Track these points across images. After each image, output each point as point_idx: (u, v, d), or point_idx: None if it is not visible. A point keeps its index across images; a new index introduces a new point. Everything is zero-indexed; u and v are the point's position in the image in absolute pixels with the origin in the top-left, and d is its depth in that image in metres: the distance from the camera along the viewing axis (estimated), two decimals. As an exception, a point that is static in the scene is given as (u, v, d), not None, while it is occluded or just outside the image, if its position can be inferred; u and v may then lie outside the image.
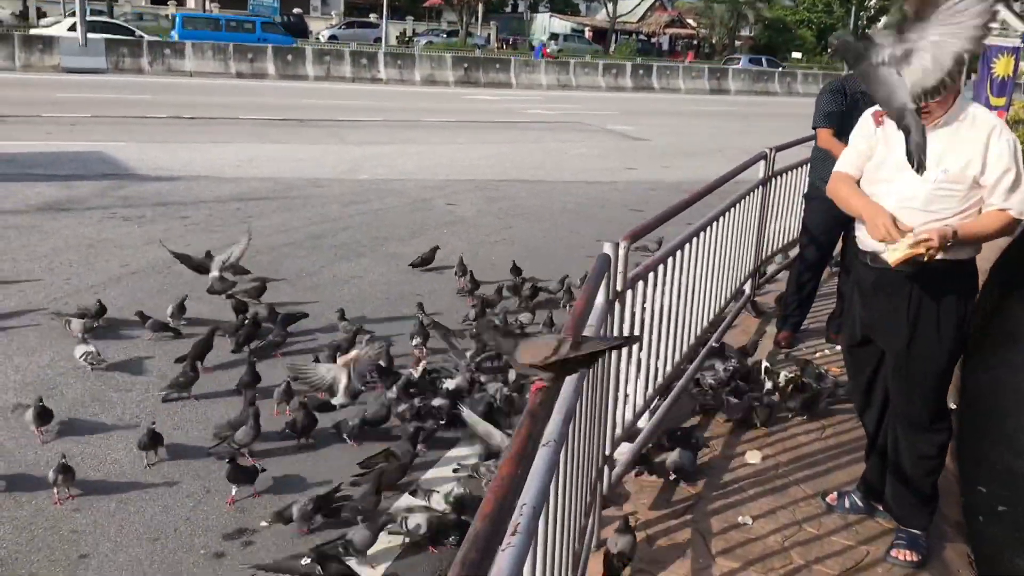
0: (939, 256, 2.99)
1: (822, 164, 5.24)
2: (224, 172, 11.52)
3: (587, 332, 2.63)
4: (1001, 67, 8.45)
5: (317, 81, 27.49)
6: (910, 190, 3.05)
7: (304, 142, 14.64)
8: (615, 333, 3.19)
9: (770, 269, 6.84)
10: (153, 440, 4.05)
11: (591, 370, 2.56)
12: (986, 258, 8.12)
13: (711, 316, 4.96)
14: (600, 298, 2.95)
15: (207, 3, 49.30)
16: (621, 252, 3.14)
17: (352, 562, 3.29)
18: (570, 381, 2.13)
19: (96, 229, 8.36)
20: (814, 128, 5.28)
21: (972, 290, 3.18)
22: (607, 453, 3.23)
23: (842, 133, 5.01)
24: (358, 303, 6.50)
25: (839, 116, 5.08)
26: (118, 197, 9.80)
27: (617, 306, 3.19)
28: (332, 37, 45.63)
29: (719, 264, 4.96)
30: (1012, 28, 7.97)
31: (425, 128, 17.72)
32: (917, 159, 2.77)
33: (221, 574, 3.37)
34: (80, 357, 5.07)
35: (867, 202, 3.15)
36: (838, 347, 5.42)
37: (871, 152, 3.25)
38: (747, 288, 6.08)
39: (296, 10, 51.79)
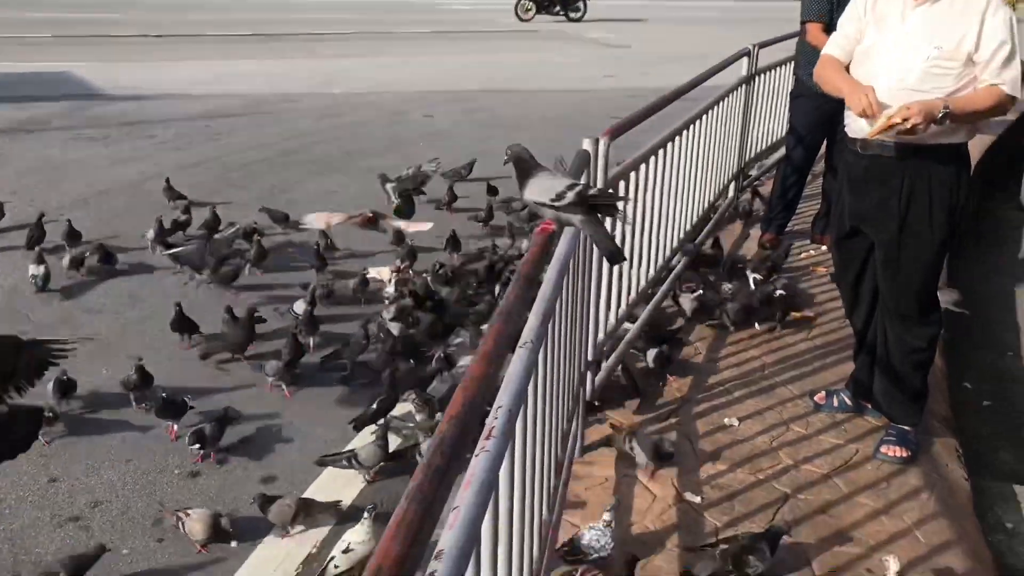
0: (932, 139, 2.89)
1: (809, 61, 5.02)
2: (193, 90, 11.15)
3: (566, 235, 2.51)
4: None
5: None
6: (903, 69, 2.90)
7: (275, 57, 14.20)
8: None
9: (754, 172, 6.69)
10: (143, 379, 3.80)
11: (571, 272, 2.44)
12: (972, 157, 7.98)
13: (695, 219, 4.83)
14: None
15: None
16: (601, 148, 2.99)
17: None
18: (548, 281, 2.01)
19: (61, 150, 8.09)
20: (803, 22, 5.04)
21: (965, 177, 3.05)
22: (589, 358, 3.13)
23: (832, 30, 4.80)
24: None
25: (829, 9, 4.84)
26: (84, 117, 9.49)
27: (598, 206, 3.05)
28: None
29: (702, 165, 4.80)
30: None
31: (401, 39, 17.23)
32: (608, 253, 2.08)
33: (196, 492, 3.29)
34: (29, 278, 4.95)
35: (851, 80, 3.03)
36: (823, 248, 5.32)
37: (860, 36, 3.09)
38: (731, 190, 5.94)
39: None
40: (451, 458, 1.05)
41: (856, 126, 3.08)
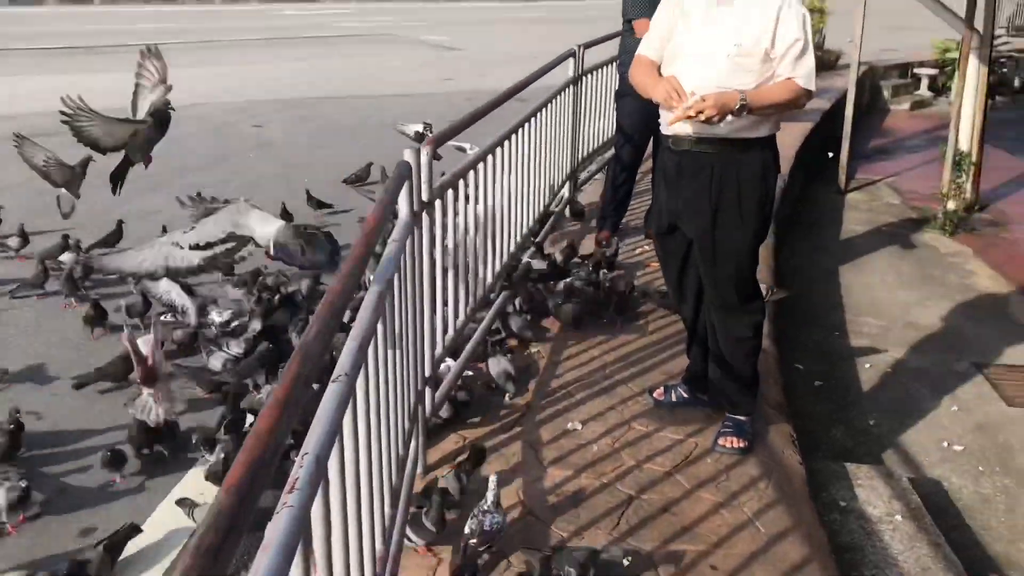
0: (738, 134, 3.00)
1: (631, 59, 5.12)
2: (1, 108, 10.36)
3: (391, 246, 2.41)
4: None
5: (104, 4, 25.27)
6: (707, 66, 3.00)
7: (92, 71, 13.38)
8: (426, 248, 2.97)
9: (584, 175, 6.74)
10: None
11: (395, 287, 2.34)
12: (792, 145, 8.40)
13: (530, 222, 4.82)
14: (404, 210, 2.71)
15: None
16: (424, 158, 2.89)
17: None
18: (366, 307, 1.90)
19: None
20: (629, 20, 5.11)
21: (772, 170, 3.16)
22: (427, 374, 3.04)
23: None
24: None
25: (651, 4, 4.92)
26: None
27: (425, 218, 2.96)
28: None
29: (535, 168, 4.80)
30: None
31: (228, 48, 16.62)
32: None
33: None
34: None
35: (656, 75, 3.12)
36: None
37: (671, 34, 3.15)
38: (565, 191, 5.99)
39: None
40: (227, 535, 0.94)
41: (669, 126, 3.14)
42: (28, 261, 5.65)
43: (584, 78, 5.97)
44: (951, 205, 7.80)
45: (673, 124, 2.97)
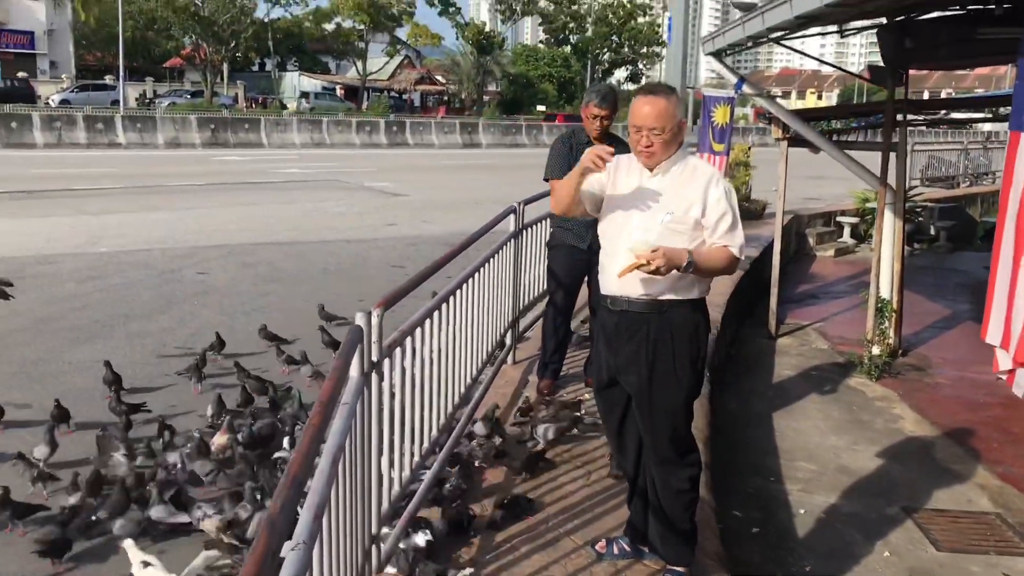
0: (673, 295, 3.23)
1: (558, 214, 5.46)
2: (-64, 254, 10.30)
3: (342, 409, 2.51)
4: (719, 115, 9.27)
5: (48, 149, 25.51)
6: (643, 229, 3.24)
7: (33, 215, 13.45)
8: (374, 407, 3.07)
9: (525, 322, 6.94)
10: None
11: (349, 450, 2.43)
12: (723, 292, 8.78)
13: (473, 373, 4.96)
14: (355, 373, 2.83)
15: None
16: (375, 321, 3.04)
17: None
18: (321, 473, 1.99)
19: None
20: (545, 179, 5.48)
21: (703, 330, 3.37)
22: (374, 532, 3.08)
23: None
24: (98, 392, 5.92)
25: (566, 167, 5.31)
26: None
27: (375, 377, 3.08)
28: (64, 102, 41.72)
29: (480, 319, 4.98)
30: (727, 80, 8.77)
31: (171, 193, 16.85)
32: None
33: None
34: None
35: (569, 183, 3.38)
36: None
37: (603, 187, 3.41)
38: (508, 340, 6.16)
39: (21, 74, 47.71)
40: None
41: (606, 281, 3.37)
42: None
43: (524, 231, 6.25)
44: (875, 350, 8.16)
45: (624, 275, 3.16)
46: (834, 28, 8.24)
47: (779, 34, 7.70)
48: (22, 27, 52.12)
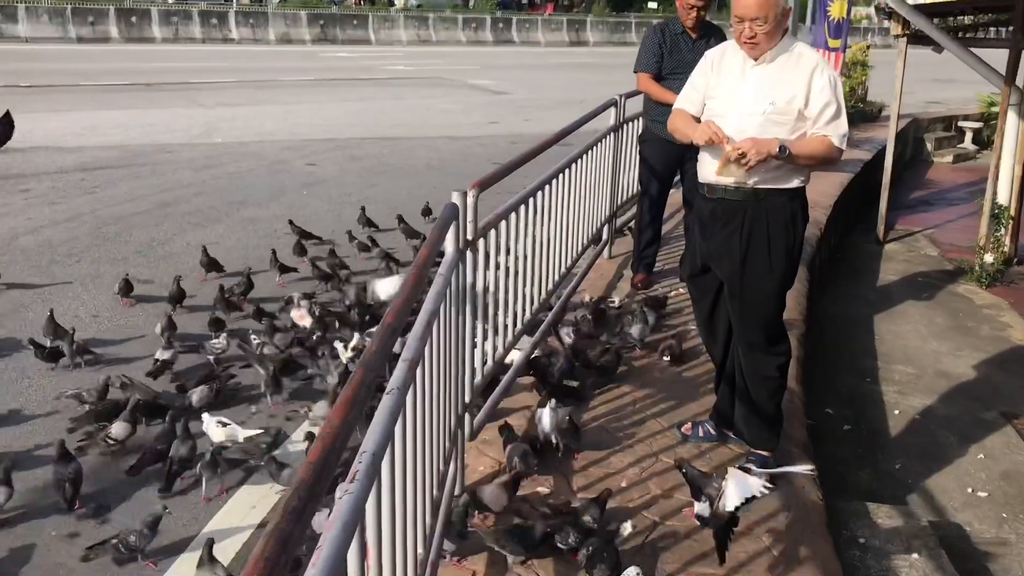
0: (770, 184, 3.21)
1: (652, 106, 5.42)
2: (66, 141, 10.88)
3: (438, 280, 2.63)
4: (836, 9, 8.85)
5: (165, 43, 26.18)
6: (743, 121, 3.22)
7: (153, 107, 13.97)
8: (470, 283, 3.20)
9: (622, 219, 6.93)
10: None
11: (442, 317, 2.56)
12: (830, 194, 8.55)
13: (568, 263, 5.04)
14: (450, 247, 2.95)
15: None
16: (470, 200, 3.14)
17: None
18: (415, 330, 2.13)
19: (-76, 206, 7.79)
20: (635, 72, 5.40)
21: (800, 220, 3.35)
22: (467, 400, 3.25)
23: (667, 75, 5.20)
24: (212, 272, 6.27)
25: (657, 59, 5.26)
26: (-52, 172, 9.14)
27: (470, 255, 3.20)
28: (180, -4, 42.86)
29: (575, 211, 5.03)
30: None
31: (282, 88, 17.19)
32: None
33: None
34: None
35: (694, 124, 3.35)
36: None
37: (707, 88, 3.38)
38: (604, 234, 6.20)
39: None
40: (308, 500, 1.16)
41: (704, 171, 3.37)
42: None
43: (624, 126, 6.21)
44: (988, 258, 7.87)
45: (721, 172, 3.17)
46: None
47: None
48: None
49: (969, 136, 14.84)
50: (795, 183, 3.29)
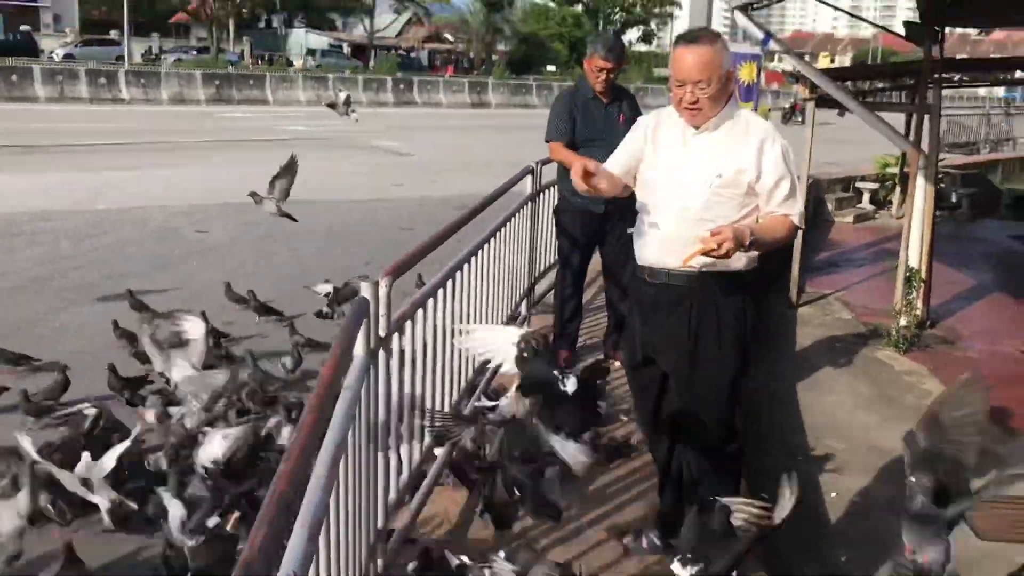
0: (714, 267, 2.85)
1: (565, 176, 5.14)
2: (-72, 209, 9.96)
3: (344, 395, 2.18)
4: (745, 73, 8.84)
5: (49, 103, 25.01)
6: (687, 196, 2.89)
7: (32, 171, 13.07)
8: (381, 388, 2.74)
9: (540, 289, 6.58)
10: None
11: (352, 444, 2.10)
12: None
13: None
14: (360, 351, 2.49)
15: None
16: (382, 292, 2.69)
17: None
18: (317, 481, 1.65)
19: None
20: (546, 141, 5.14)
21: (751, 304, 3.03)
22: (380, 527, 2.76)
23: (582, 144, 4.93)
24: (89, 355, 5.59)
25: (569, 127, 5.02)
26: None
27: (382, 355, 2.74)
28: (68, 56, 41.11)
29: (494, 288, 4.64)
30: (752, 36, 8.34)
31: (174, 150, 16.45)
32: None
33: None
34: None
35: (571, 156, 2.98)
36: (618, 364, 5.26)
37: (640, 154, 3.05)
38: (523, 309, 5.82)
39: (24, 27, 46.96)
40: None
41: (646, 252, 3.02)
42: None
43: (540, 194, 5.90)
44: (903, 322, 7.81)
45: (689, 261, 2.79)
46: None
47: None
48: (25, -21, 51.28)
49: (867, 196, 15.18)
50: (742, 265, 2.96)
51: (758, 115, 3.14)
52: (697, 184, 2.87)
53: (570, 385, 2.30)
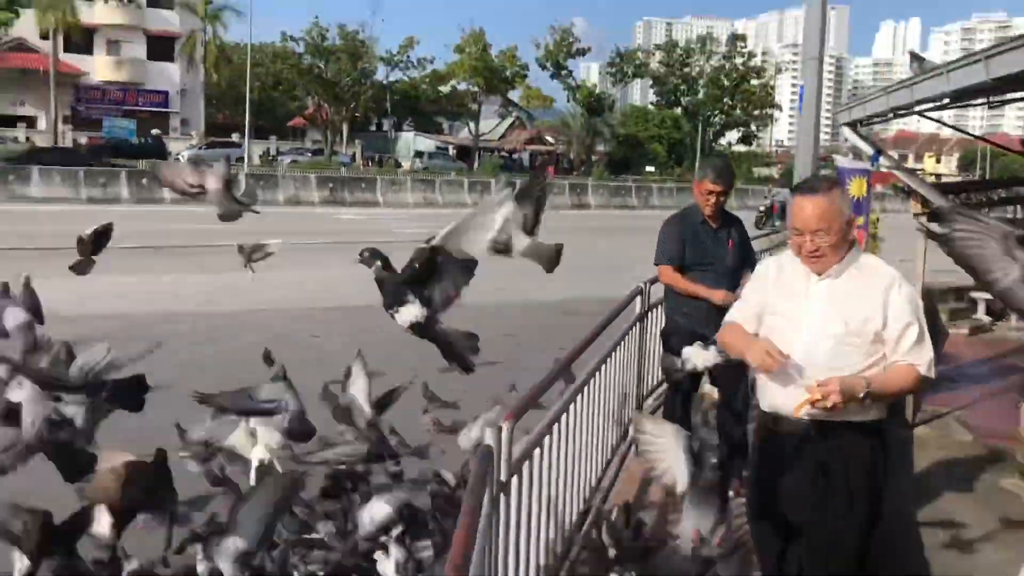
0: (845, 416, 2.78)
1: (677, 299, 5.16)
2: (60, 309, 10.55)
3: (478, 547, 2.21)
4: (855, 188, 8.78)
5: (175, 204, 26.48)
6: (811, 345, 2.86)
7: (158, 272, 13.80)
8: (502, 532, 2.76)
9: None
10: None
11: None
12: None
13: (599, 471, 4.60)
14: (484, 499, 2.52)
15: (59, 124, 47.51)
16: (504, 436, 2.74)
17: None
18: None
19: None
20: (656, 264, 5.18)
21: (882, 456, 2.95)
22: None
23: (691, 267, 5.00)
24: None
25: (680, 250, 5.05)
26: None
27: (503, 499, 2.77)
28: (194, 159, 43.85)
29: (602, 412, 4.64)
30: (863, 152, 8.31)
31: (290, 251, 17.10)
32: None
33: None
34: None
35: (749, 337, 2.98)
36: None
37: (765, 304, 3.05)
38: (631, 430, 5.77)
39: (154, 131, 50.42)
40: None
41: (769, 400, 2.98)
42: None
43: (648, 314, 5.92)
44: (1031, 449, 7.39)
45: (799, 412, 2.78)
46: (982, 100, 7.71)
47: (925, 107, 7.22)
48: (157, 87, 55.21)
49: (982, 307, 14.60)
50: (874, 415, 2.90)
51: (870, 229, 3.12)
52: (821, 333, 2.85)
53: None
